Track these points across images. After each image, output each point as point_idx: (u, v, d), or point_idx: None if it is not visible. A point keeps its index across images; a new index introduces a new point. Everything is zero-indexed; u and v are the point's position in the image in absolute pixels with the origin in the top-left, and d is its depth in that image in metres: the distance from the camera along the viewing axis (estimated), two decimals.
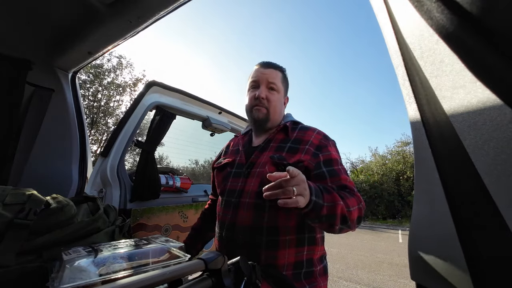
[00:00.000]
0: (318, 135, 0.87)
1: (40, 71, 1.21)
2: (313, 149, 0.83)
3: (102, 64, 13.50)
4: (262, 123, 0.91)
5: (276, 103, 0.91)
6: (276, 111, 0.92)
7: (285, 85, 0.96)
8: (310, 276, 0.78)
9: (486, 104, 0.28)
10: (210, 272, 0.44)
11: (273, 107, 0.90)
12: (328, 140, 0.87)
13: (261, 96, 0.88)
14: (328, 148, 0.84)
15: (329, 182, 0.78)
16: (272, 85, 0.90)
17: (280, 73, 0.94)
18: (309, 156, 0.81)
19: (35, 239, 0.65)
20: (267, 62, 0.95)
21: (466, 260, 0.30)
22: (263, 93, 0.89)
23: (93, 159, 3.67)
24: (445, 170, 0.33)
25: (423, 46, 0.35)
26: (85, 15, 0.96)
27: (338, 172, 0.80)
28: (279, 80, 0.92)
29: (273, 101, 0.90)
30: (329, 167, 0.80)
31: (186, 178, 1.85)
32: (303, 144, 0.85)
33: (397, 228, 10.58)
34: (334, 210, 0.67)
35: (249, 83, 0.94)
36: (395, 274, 4.49)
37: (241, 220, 0.80)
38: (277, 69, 0.94)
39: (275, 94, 0.91)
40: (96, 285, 0.50)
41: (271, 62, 0.95)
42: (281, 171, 0.79)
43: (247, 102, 0.94)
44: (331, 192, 0.69)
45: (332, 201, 0.67)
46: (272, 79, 0.90)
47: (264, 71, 0.91)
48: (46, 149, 1.19)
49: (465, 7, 0.28)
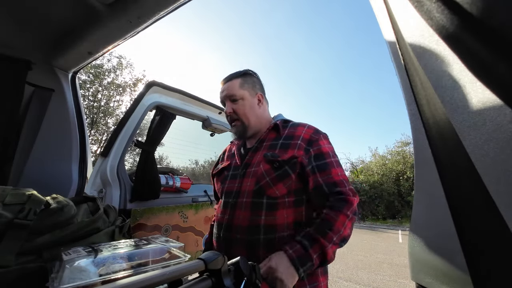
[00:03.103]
0: (309, 130, 0.88)
1: (40, 71, 1.21)
2: (304, 144, 0.84)
3: (102, 64, 13.50)
4: (243, 134, 0.94)
5: (245, 110, 0.92)
6: (250, 117, 0.92)
7: (248, 87, 0.94)
8: (311, 274, 0.78)
9: (486, 104, 0.28)
10: (210, 272, 0.44)
11: (243, 114, 0.92)
12: (319, 134, 0.88)
13: (227, 112, 0.93)
14: (319, 142, 0.85)
15: (319, 177, 0.79)
16: (232, 97, 0.92)
17: (237, 79, 0.94)
18: (302, 151, 0.82)
19: (35, 239, 0.65)
20: (224, 78, 0.97)
21: (466, 260, 0.30)
22: (228, 108, 0.92)
23: (93, 159, 3.68)
24: (445, 170, 0.33)
25: (423, 46, 0.35)
26: (85, 15, 0.96)
27: (329, 165, 0.81)
28: (237, 88, 0.92)
29: (240, 110, 0.92)
30: (320, 161, 0.81)
31: (186, 178, 1.85)
32: (295, 139, 0.85)
33: (397, 228, 10.57)
34: (325, 255, 0.71)
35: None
36: (395, 274, 4.49)
37: (238, 219, 0.80)
38: (232, 79, 0.94)
39: (239, 103, 0.92)
40: (96, 285, 0.50)
41: (227, 76, 0.96)
42: (275, 168, 0.80)
43: None
44: (317, 239, 0.71)
45: (321, 248, 0.70)
46: (229, 92, 0.92)
47: (222, 88, 0.95)
48: (46, 149, 1.19)
49: (465, 7, 0.28)
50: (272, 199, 0.79)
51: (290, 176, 0.80)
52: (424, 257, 0.36)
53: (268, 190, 0.80)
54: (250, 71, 0.98)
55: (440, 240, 0.34)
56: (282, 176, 0.80)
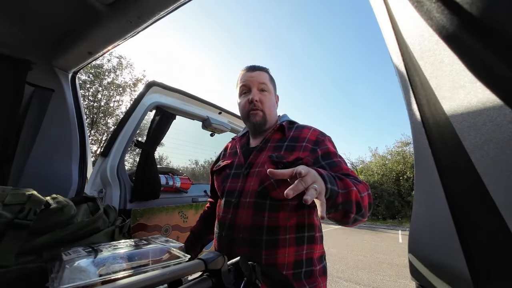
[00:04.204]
0: (315, 132, 0.89)
1: (40, 71, 1.21)
2: (310, 145, 0.83)
3: (102, 64, 13.51)
4: (260, 126, 0.92)
5: (270, 104, 0.93)
6: (271, 112, 0.93)
7: (273, 85, 0.97)
8: (310, 275, 0.78)
9: (486, 104, 0.28)
10: (210, 272, 0.44)
11: (268, 108, 0.92)
12: (324, 136, 0.88)
13: (254, 99, 0.89)
14: (325, 143, 0.85)
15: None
16: (262, 86, 0.91)
17: (267, 74, 0.96)
18: (307, 152, 0.82)
19: (35, 239, 0.65)
20: (252, 66, 0.96)
21: (466, 260, 0.30)
22: (256, 96, 0.90)
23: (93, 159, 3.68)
24: (445, 170, 0.33)
25: (423, 46, 0.35)
26: (85, 15, 0.96)
27: (338, 163, 0.80)
28: (268, 80, 0.94)
29: (267, 102, 0.91)
30: (328, 159, 0.80)
31: (186, 178, 1.85)
32: (300, 141, 0.85)
33: (397, 228, 10.57)
34: (349, 197, 0.64)
35: (239, 88, 0.95)
36: (395, 274, 4.49)
37: (241, 219, 0.80)
38: (263, 70, 0.95)
39: (267, 95, 0.92)
40: (96, 285, 0.50)
41: (256, 65, 0.96)
42: (280, 169, 0.80)
43: (242, 107, 0.94)
44: (343, 179, 0.67)
45: (345, 188, 0.65)
46: (261, 80, 0.92)
47: (252, 74, 0.93)
48: (46, 149, 1.19)
49: (465, 7, 0.28)
50: (275, 201, 0.79)
51: None
52: (424, 257, 0.36)
53: (272, 192, 0.79)
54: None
55: (440, 240, 0.34)
56: None
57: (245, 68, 0.96)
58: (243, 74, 0.94)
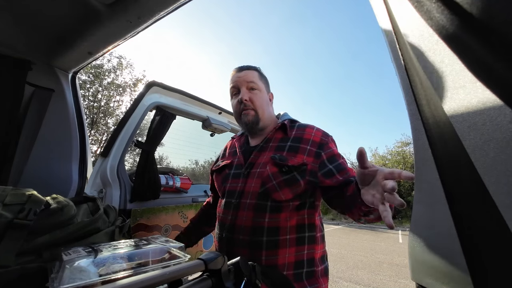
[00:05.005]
0: (318, 132, 0.88)
1: (40, 71, 1.21)
2: (315, 149, 0.83)
3: (102, 65, 13.51)
4: (253, 125, 0.91)
5: (261, 102, 0.91)
6: (264, 110, 0.92)
7: (264, 82, 0.96)
8: (311, 276, 0.78)
9: (486, 104, 0.28)
10: (210, 272, 0.44)
11: (259, 106, 0.90)
12: (327, 137, 0.88)
13: (244, 98, 0.88)
14: (329, 145, 0.85)
15: (339, 177, 0.78)
16: (252, 85, 0.90)
17: (256, 72, 0.94)
18: (311, 157, 0.81)
19: (35, 239, 0.65)
20: (241, 66, 0.96)
21: (466, 260, 0.30)
22: (245, 95, 0.89)
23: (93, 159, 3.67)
24: (445, 170, 0.33)
25: (423, 46, 0.35)
26: (85, 15, 0.96)
27: (343, 165, 0.81)
28: (257, 78, 0.92)
29: (257, 100, 0.90)
30: (335, 162, 0.81)
31: (186, 178, 1.85)
32: (304, 143, 0.84)
33: (397, 228, 10.57)
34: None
35: (230, 90, 0.95)
36: (395, 274, 4.49)
37: (241, 221, 0.79)
38: (251, 69, 0.94)
39: (257, 93, 0.91)
40: (96, 285, 0.50)
41: (244, 65, 0.96)
42: (283, 172, 0.79)
43: (234, 109, 0.94)
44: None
45: None
46: (249, 79, 0.90)
47: (239, 74, 0.92)
48: (46, 149, 1.19)
49: (465, 7, 0.28)
50: (276, 203, 0.79)
51: (299, 182, 0.79)
52: (424, 257, 0.36)
53: (273, 194, 0.79)
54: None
55: (440, 240, 0.34)
56: (290, 181, 0.79)
57: (234, 69, 0.96)
58: (232, 76, 0.94)
